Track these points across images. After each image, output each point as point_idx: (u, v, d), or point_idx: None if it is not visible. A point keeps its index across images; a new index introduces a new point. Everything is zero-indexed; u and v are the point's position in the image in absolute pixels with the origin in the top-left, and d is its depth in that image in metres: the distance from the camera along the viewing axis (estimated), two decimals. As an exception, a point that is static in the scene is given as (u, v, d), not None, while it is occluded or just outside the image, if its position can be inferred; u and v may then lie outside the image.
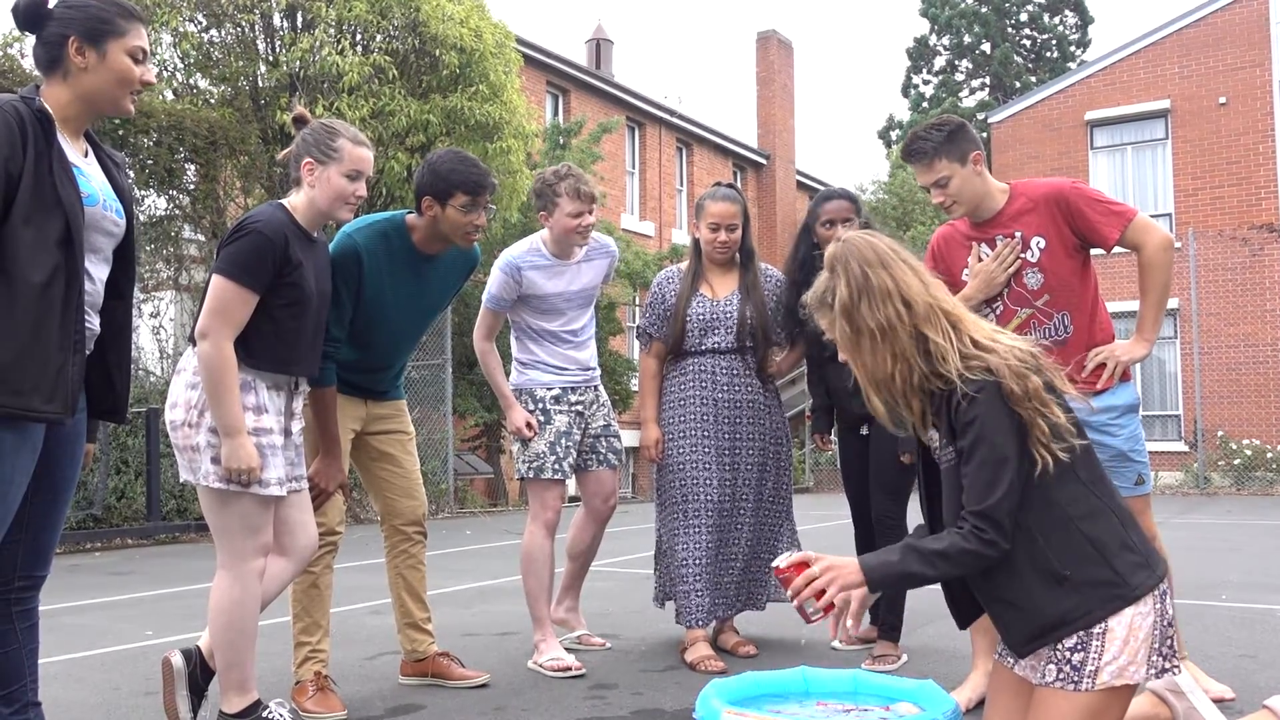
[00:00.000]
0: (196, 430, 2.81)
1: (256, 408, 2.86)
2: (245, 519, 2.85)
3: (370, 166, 3.04)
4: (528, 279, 4.00)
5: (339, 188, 2.97)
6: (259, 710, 2.94)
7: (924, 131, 3.27)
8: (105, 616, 5.51)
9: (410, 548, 3.70)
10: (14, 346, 2.23)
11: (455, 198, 3.38)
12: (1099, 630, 2.05)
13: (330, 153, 2.97)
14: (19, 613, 2.54)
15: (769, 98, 25.98)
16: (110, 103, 2.46)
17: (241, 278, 2.80)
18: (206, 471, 2.80)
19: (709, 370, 4.15)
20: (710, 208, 4.18)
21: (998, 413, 2.08)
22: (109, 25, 2.40)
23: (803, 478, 19.10)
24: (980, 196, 3.28)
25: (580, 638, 4.33)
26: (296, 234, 2.94)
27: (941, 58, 34.60)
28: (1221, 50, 17.85)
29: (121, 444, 9.46)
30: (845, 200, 4.14)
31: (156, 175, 10.35)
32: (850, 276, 2.21)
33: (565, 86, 20.42)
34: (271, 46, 11.85)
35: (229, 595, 2.86)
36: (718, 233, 4.15)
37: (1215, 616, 4.85)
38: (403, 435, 3.68)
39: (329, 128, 3.03)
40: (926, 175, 3.28)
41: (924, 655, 4.09)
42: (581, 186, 3.94)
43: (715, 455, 4.08)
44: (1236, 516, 11.34)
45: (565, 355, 4.10)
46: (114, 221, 2.50)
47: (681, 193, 23.74)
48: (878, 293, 2.18)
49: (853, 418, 4.15)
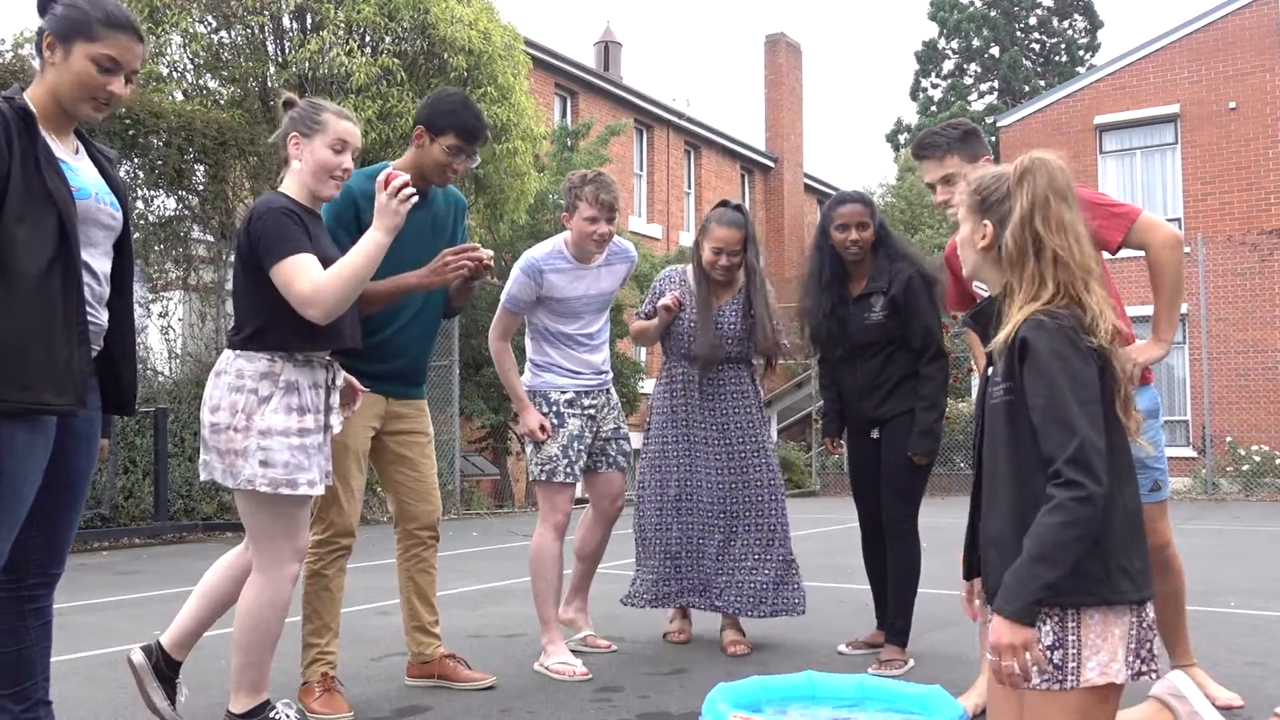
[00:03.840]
0: (245, 434, 2.80)
1: (300, 408, 2.86)
2: (286, 521, 2.87)
3: (357, 140, 3.04)
4: (548, 281, 4.00)
5: (323, 159, 2.97)
6: (266, 710, 2.95)
7: (939, 129, 3.31)
8: (113, 616, 5.52)
9: (422, 551, 3.71)
10: (19, 342, 2.22)
11: (447, 136, 3.41)
12: (1073, 624, 2.04)
13: (314, 125, 2.98)
14: (32, 610, 2.55)
15: (777, 101, 25.98)
16: (70, 104, 2.42)
17: (296, 247, 2.80)
18: (252, 475, 2.79)
19: (694, 377, 4.29)
20: (715, 231, 4.22)
21: (1083, 360, 2.05)
22: (82, 27, 2.38)
23: (809, 481, 19.06)
24: None
25: (585, 639, 4.33)
26: (300, 207, 2.95)
27: (950, 61, 34.58)
28: (1231, 55, 17.81)
29: (130, 443, 9.47)
30: (859, 204, 4.11)
31: (166, 176, 10.37)
32: (1036, 193, 2.15)
33: (573, 89, 20.44)
34: (281, 48, 11.88)
35: (261, 597, 2.88)
36: (719, 256, 4.20)
37: (1223, 623, 4.84)
38: (421, 437, 3.67)
39: (314, 103, 3.06)
40: (935, 171, 3.28)
41: (931, 660, 4.08)
42: (603, 194, 3.92)
43: (677, 456, 4.32)
44: (1245, 523, 11.30)
45: (580, 359, 4.10)
46: (110, 215, 2.51)
47: (689, 195, 23.74)
48: (1053, 221, 2.12)
49: (864, 420, 4.15)
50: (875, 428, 4.13)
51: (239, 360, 2.87)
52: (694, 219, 23.67)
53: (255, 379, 2.84)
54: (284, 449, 2.81)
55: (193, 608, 3.14)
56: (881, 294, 4.05)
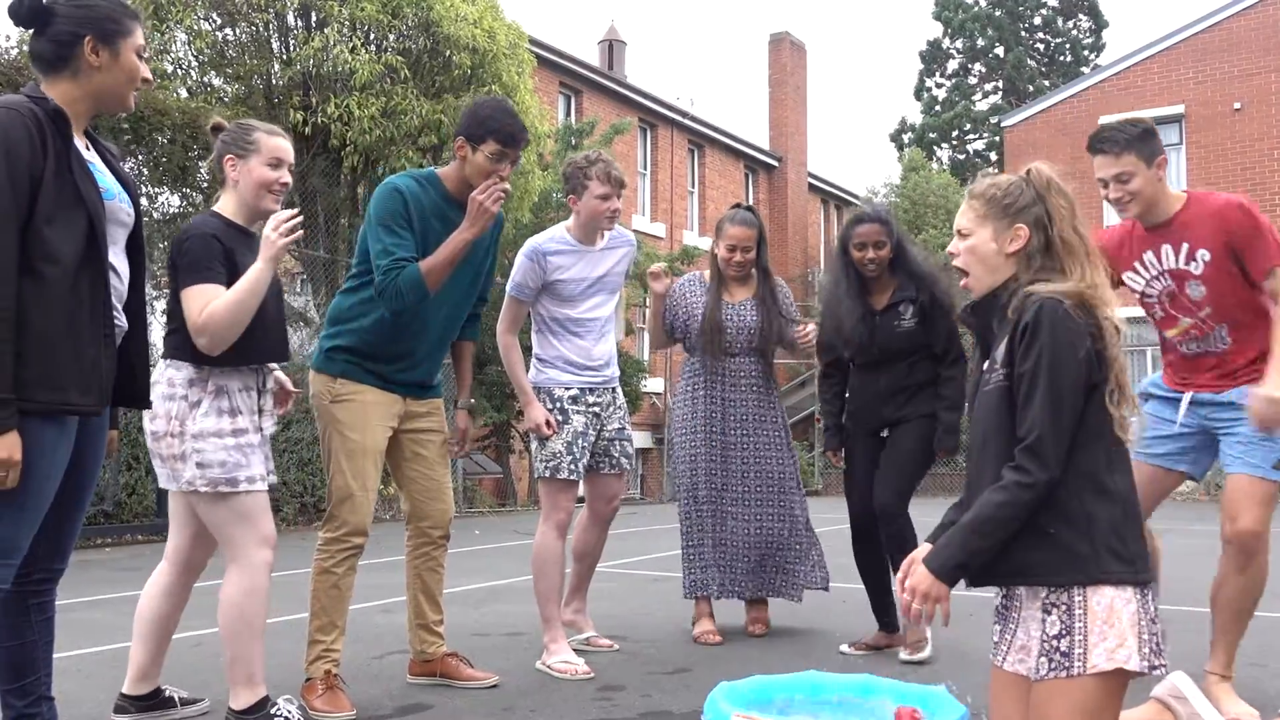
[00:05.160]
0: (180, 440, 2.95)
1: (231, 410, 3.00)
2: (240, 515, 2.98)
3: (290, 154, 3.18)
4: (551, 263, 4.04)
5: (261, 176, 3.10)
6: (267, 707, 2.97)
7: (1119, 125, 3.30)
8: (115, 612, 5.53)
9: (432, 550, 3.71)
10: (49, 342, 2.28)
11: (487, 144, 3.42)
12: (1079, 611, 2.05)
13: (248, 145, 3.11)
14: (35, 605, 2.57)
15: (781, 100, 25.96)
16: (118, 100, 2.53)
17: (210, 276, 2.95)
18: (192, 478, 2.95)
19: (719, 370, 4.50)
20: (728, 230, 4.48)
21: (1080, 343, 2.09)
22: (119, 25, 2.47)
23: (811, 480, 19.06)
24: (1156, 199, 3.27)
25: (589, 639, 4.33)
26: (230, 232, 3.07)
27: (955, 61, 34.54)
28: (1236, 55, 17.78)
29: (132, 440, 9.48)
30: (876, 223, 4.23)
31: (170, 173, 10.37)
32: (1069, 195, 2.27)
33: (578, 87, 20.44)
34: (285, 45, 11.89)
35: (239, 587, 2.97)
36: (734, 253, 4.47)
37: (1226, 624, 4.82)
38: (436, 435, 3.69)
39: (243, 124, 3.19)
40: (1110, 167, 3.26)
41: (935, 660, 4.07)
42: (612, 171, 4.05)
43: (706, 449, 4.52)
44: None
45: (584, 349, 4.10)
46: (127, 213, 2.56)
47: (693, 194, 23.73)
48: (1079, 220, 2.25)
49: (878, 422, 4.29)
50: (886, 428, 4.27)
51: (169, 369, 3.01)
52: (698, 218, 23.67)
53: (184, 386, 2.97)
54: (218, 450, 2.95)
55: (137, 643, 3.23)
56: (910, 302, 4.21)
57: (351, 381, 3.45)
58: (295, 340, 11.20)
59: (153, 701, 3.22)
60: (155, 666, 3.24)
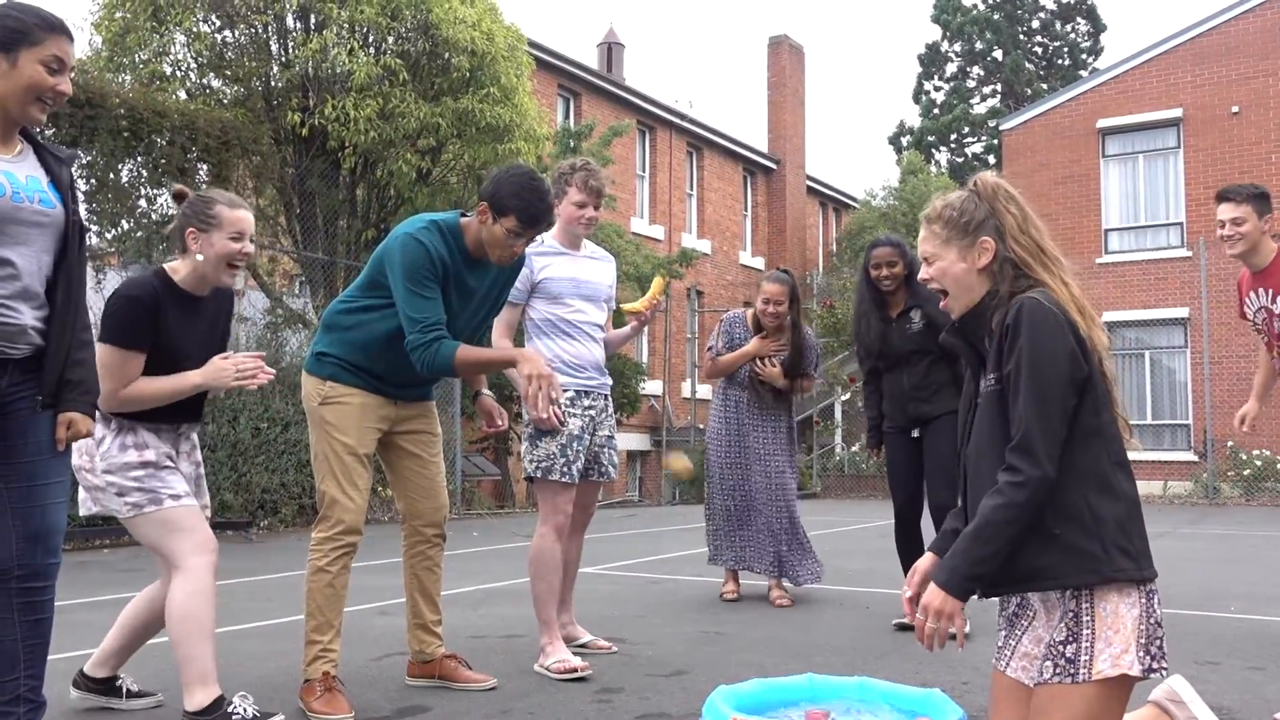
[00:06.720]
0: (93, 474, 3.12)
1: (138, 445, 3.14)
2: (169, 529, 3.12)
3: (250, 226, 3.25)
4: (537, 263, 4.06)
5: (223, 249, 3.18)
6: (223, 706, 3.03)
7: (1245, 185, 4.22)
8: (113, 613, 5.48)
9: (428, 550, 3.72)
10: None
11: (509, 219, 3.40)
12: (1086, 617, 2.06)
13: (209, 219, 3.19)
14: (21, 604, 2.53)
15: (780, 103, 25.99)
16: (18, 109, 2.52)
17: (120, 340, 3.07)
18: (117, 508, 3.12)
19: (745, 400, 5.69)
20: (765, 287, 5.59)
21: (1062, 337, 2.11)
22: (24, 34, 2.47)
23: (810, 484, 19.06)
24: (1257, 244, 4.12)
25: (588, 644, 4.32)
26: (172, 296, 3.17)
27: (953, 64, 34.59)
28: (1234, 59, 17.80)
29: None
30: (889, 247, 4.98)
31: (169, 174, 10.37)
32: (1019, 202, 2.30)
33: (576, 90, 20.45)
34: (284, 47, 11.90)
35: (185, 589, 3.09)
36: (768, 305, 5.53)
37: (1224, 628, 4.84)
38: (429, 436, 3.69)
39: (204, 198, 3.27)
40: (1231, 211, 4.12)
41: (931, 662, 4.08)
42: (591, 180, 4.12)
43: (731, 457, 5.73)
44: (1246, 527, 11.30)
45: (579, 351, 4.11)
46: (38, 211, 2.53)
47: (691, 197, 23.75)
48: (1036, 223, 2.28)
49: (906, 420, 4.90)
50: (916, 427, 4.89)
51: None
52: (696, 220, 23.69)
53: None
54: (129, 480, 3.11)
55: (114, 630, 3.41)
56: (919, 308, 4.89)
57: (341, 384, 3.46)
58: (294, 342, 11.19)
59: (103, 686, 3.39)
60: (118, 659, 3.41)
